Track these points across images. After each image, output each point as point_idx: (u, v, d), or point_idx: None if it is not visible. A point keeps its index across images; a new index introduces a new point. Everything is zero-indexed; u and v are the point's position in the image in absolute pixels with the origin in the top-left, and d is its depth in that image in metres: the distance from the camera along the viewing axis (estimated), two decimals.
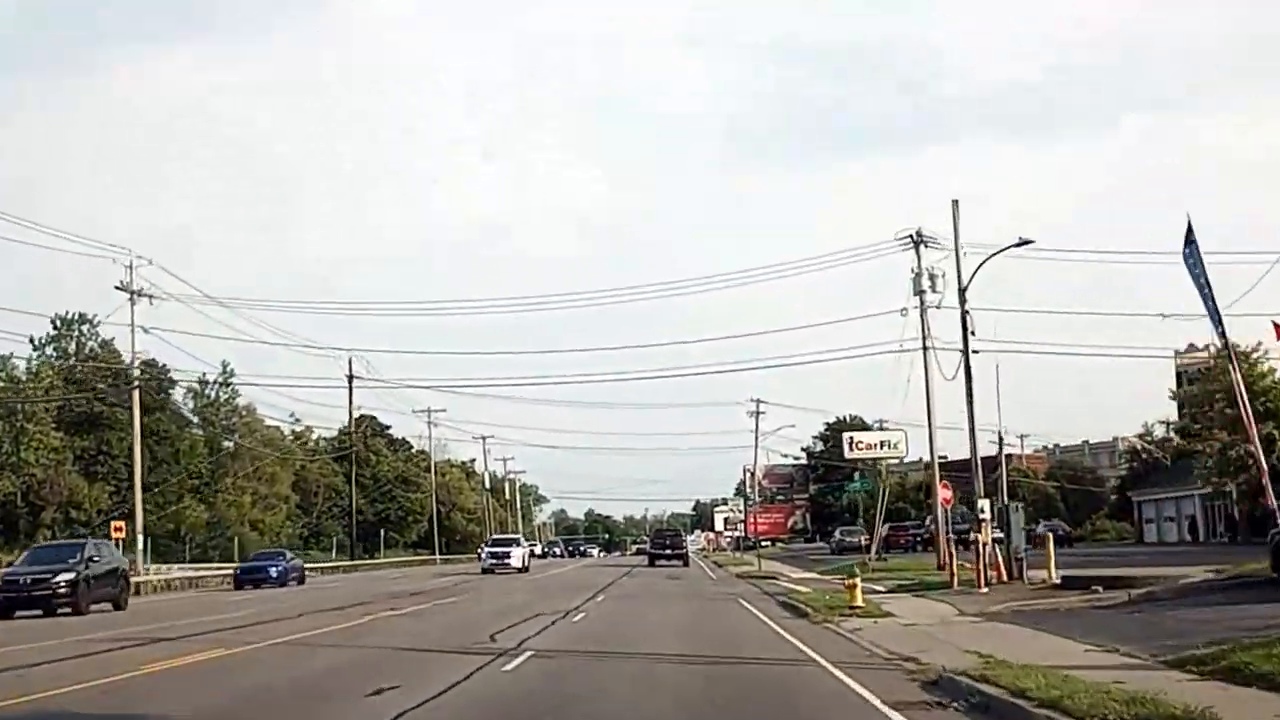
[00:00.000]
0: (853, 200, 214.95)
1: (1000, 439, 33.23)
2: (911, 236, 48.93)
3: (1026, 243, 31.00)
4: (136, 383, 54.27)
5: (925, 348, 48.82)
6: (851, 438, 52.13)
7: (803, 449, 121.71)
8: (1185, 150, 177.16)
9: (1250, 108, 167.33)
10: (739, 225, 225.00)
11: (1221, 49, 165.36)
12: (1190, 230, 20.71)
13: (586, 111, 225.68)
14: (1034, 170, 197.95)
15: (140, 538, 52.85)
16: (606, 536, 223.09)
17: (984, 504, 33.69)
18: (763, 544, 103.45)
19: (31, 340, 74.07)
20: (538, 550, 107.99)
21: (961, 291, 33.31)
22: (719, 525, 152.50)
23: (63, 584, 33.00)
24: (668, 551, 70.00)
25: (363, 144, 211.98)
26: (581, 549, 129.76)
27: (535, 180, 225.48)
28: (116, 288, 51.96)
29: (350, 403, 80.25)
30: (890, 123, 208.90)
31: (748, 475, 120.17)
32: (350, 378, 79.57)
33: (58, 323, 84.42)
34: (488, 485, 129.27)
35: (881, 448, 51.96)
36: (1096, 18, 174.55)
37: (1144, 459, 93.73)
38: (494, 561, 56.38)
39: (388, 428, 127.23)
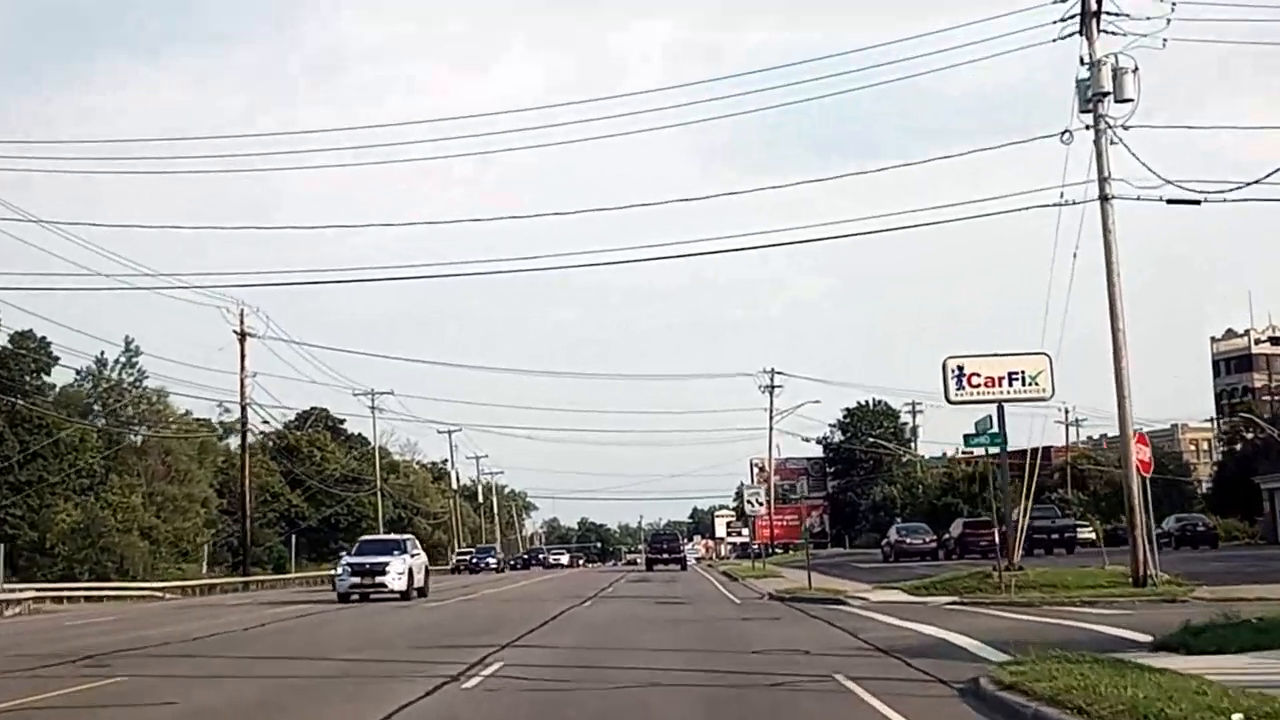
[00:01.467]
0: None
1: None
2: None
3: None
4: None
5: (1104, 196, 26.27)
6: (960, 368, 29.42)
7: (818, 440, 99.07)
8: None
9: None
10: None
11: None
12: None
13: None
14: None
15: None
16: (600, 545, 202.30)
17: None
18: (774, 550, 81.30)
19: None
20: (490, 559, 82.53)
21: None
22: (720, 531, 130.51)
23: None
24: (665, 556, 66.54)
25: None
26: (541, 556, 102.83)
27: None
28: None
29: (242, 368, 57.63)
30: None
31: (755, 471, 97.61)
32: (242, 335, 56.93)
33: None
34: (455, 485, 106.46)
35: (1009, 384, 29.36)
36: None
37: (1255, 441, 70.85)
38: (357, 582, 32.05)
39: (341, 422, 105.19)
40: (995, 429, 28.96)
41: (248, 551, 58.88)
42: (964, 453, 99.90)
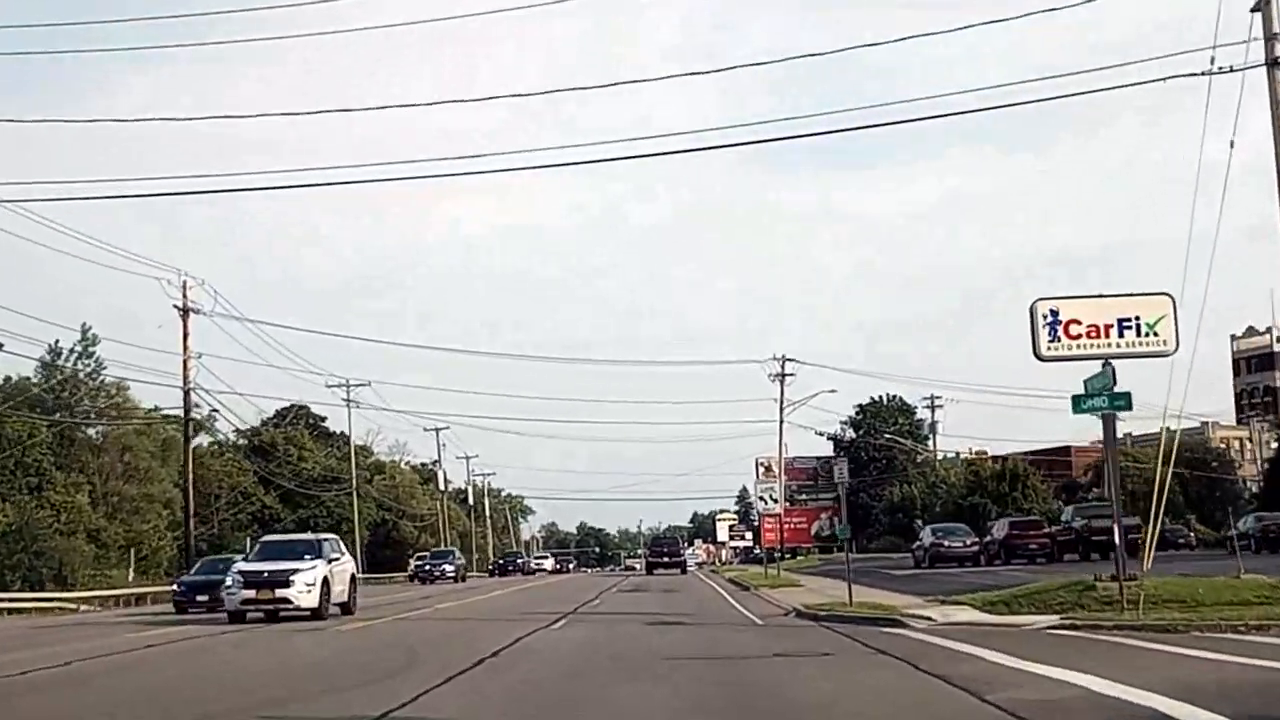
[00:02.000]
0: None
1: None
2: None
3: None
4: None
5: (1273, 60, 18.69)
6: (1054, 313, 21.77)
7: (829, 437, 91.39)
8: None
9: None
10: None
11: None
12: None
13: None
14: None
15: None
16: (599, 549, 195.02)
17: None
18: (781, 555, 73.63)
19: None
20: (447, 566, 66.31)
21: None
22: (722, 535, 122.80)
23: None
24: (665, 560, 66.30)
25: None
26: (521, 560, 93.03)
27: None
28: None
29: (185, 349, 49.69)
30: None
31: (761, 470, 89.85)
32: (184, 311, 49.16)
33: None
34: (443, 486, 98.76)
35: (1119, 335, 21.73)
36: None
37: None
38: (252, 596, 24.07)
39: (322, 419, 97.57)
40: (1112, 386, 21.31)
41: (190, 556, 51.06)
42: (977, 453, 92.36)
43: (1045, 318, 21.98)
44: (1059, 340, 21.94)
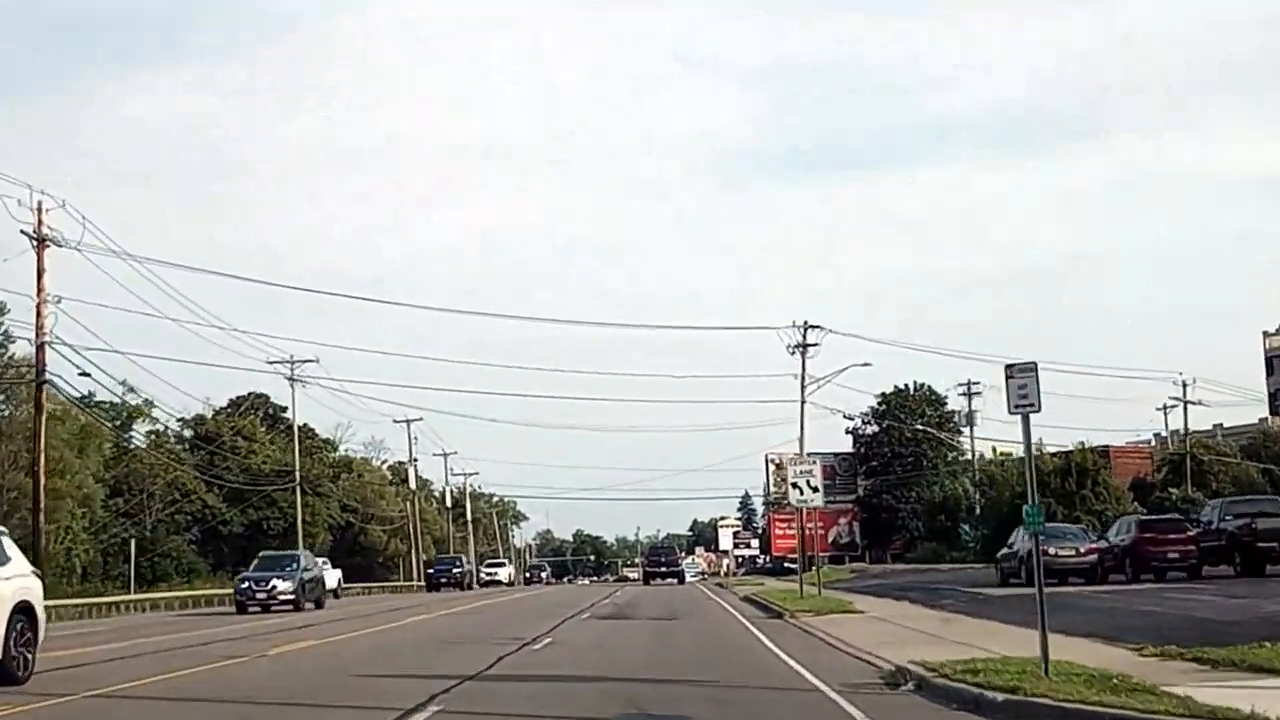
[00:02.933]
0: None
1: None
2: None
3: None
4: None
5: None
6: None
7: (847, 431, 79.00)
8: None
9: None
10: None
11: None
12: None
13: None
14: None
15: None
16: (594, 557, 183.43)
17: None
18: (788, 564, 61.96)
19: None
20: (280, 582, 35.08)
21: None
22: (725, 543, 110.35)
23: None
24: (663, 569, 62.25)
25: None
26: (458, 571, 73.97)
27: None
28: None
29: (39, 289, 36.82)
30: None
31: (772, 468, 77.68)
32: (40, 241, 36.39)
33: None
34: (414, 484, 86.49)
35: None
36: None
37: None
38: None
39: (283, 409, 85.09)
40: None
41: (41, 560, 38.70)
42: (1004, 453, 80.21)
43: None
44: None
